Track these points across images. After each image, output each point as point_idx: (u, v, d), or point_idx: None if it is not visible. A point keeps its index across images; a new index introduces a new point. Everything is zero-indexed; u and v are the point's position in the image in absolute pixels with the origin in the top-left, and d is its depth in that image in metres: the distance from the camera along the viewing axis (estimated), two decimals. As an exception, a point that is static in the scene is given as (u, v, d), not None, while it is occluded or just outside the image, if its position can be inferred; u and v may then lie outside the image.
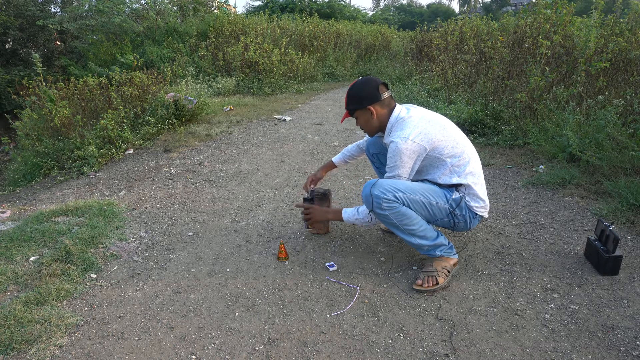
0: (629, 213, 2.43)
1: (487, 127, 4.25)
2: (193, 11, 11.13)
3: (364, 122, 1.99)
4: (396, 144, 1.82)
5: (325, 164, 2.42)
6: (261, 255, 2.18)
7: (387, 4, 51.60)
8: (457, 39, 6.67)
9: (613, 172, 2.84)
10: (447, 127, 1.90)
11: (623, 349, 1.47)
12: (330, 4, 17.50)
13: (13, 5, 9.23)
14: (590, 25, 4.48)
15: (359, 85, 1.95)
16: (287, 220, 2.58)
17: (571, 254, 2.09)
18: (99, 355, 1.51)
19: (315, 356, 1.48)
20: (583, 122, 3.29)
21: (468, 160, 1.88)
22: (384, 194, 1.78)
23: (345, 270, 2.01)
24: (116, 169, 3.71)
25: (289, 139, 4.54)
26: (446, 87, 5.71)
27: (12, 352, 1.48)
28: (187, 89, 5.97)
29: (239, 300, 1.81)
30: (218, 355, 1.50)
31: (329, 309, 1.74)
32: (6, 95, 7.80)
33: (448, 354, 1.48)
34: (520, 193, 2.89)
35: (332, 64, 10.13)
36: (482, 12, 32.37)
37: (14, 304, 1.71)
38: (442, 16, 14.81)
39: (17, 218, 2.64)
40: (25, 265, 2.03)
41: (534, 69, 4.07)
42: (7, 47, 9.55)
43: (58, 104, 4.29)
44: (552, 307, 1.71)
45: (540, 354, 1.47)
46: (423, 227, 1.85)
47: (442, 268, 1.86)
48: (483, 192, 1.92)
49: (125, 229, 2.47)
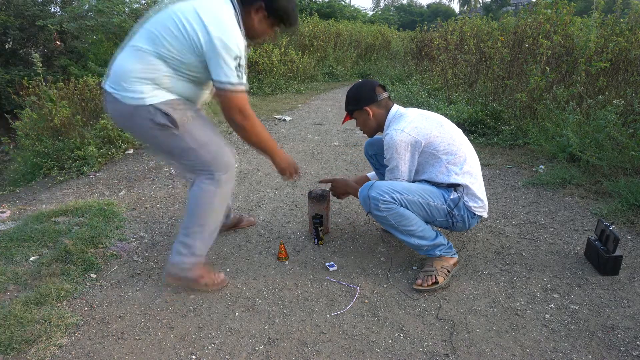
0: (629, 213, 2.43)
1: (487, 127, 4.25)
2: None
3: (362, 123, 2.03)
4: (391, 136, 1.85)
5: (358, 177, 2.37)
6: (261, 255, 2.18)
7: (387, 4, 51.62)
8: (457, 39, 6.67)
9: (613, 172, 2.84)
10: (444, 125, 1.91)
11: (623, 349, 1.47)
12: (330, 4, 17.48)
13: (13, 5, 9.23)
14: (591, 25, 4.48)
15: (356, 87, 2.01)
16: (287, 220, 2.58)
17: (571, 254, 2.09)
18: (99, 355, 1.51)
19: (315, 356, 1.48)
20: (583, 122, 3.29)
21: (464, 158, 1.88)
22: (382, 195, 1.78)
23: (345, 270, 2.01)
24: (116, 169, 3.72)
25: (289, 139, 4.54)
26: (446, 87, 5.71)
27: (12, 352, 1.48)
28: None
29: (239, 300, 1.81)
30: (218, 355, 1.50)
31: (329, 309, 1.74)
32: (6, 95, 7.79)
33: (448, 354, 1.48)
34: (520, 193, 2.89)
35: (332, 63, 10.13)
36: (482, 12, 32.34)
37: (14, 304, 1.71)
38: (442, 16, 14.80)
39: (17, 218, 2.64)
40: (25, 265, 2.03)
41: (534, 69, 4.07)
42: (7, 47, 9.54)
43: (58, 104, 4.28)
44: (552, 307, 1.71)
45: (540, 354, 1.47)
46: (421, 227, 1.85)
47: (441, 268, 1.86)
48: (481, 191, 1.92)
49: (125, 229, 2.47)
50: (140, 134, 1.73)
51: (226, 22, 1.55)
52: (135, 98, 1.60)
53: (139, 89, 1.60)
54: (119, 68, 1.63)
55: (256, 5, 1.66)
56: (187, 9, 1.56)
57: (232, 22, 1.57)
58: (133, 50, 1.62)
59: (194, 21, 1.53)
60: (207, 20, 1.53)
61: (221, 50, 1.53)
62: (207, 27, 1.52)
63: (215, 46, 1.53)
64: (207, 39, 1.53)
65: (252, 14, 1.67)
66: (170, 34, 1.55)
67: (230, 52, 1.54)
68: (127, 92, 1.60)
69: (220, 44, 1.52)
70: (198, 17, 1.53)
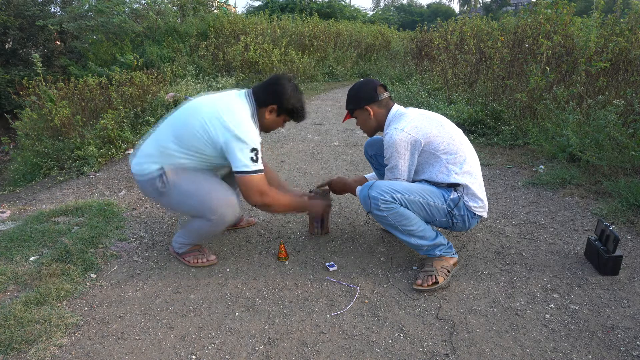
0: (629, 213, 2.43)
1: (487, 127, 4.25)
2: (193, 11, 11.11)
3: (362, 122, 2.04)
4: (390, 135, 1.85)
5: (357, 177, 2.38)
6: (261, 255, 2.18)
7: (387, 3, 51.59)
8: (457, 39, 6.67)
9: (613, 172, 2.84)
10: (444, 125, 1.91)
11: (623, 349, 1.47)
12: (330, 4, 17.48)
13: (13, 5, 9.23)
14: (591, 25, 4.48)
15: (358, 86, 2.01)
16: (287, 220, 2.58)
17: (571, 254, 2.09)
18: (99, 355, 1.51)
19: (315, 356, 1.48)
20: (583, 122, 3.29)
21: (464, 158, 1.88)
22: (382, 195, 1.78)
23: (345, 270, 2.01)
24: (116, 169, 3.71)
25: (288, 139, 4.54)
26: (446, 87, 5.71)
27: (12, 352, 1.48)
28: (187, 89, 5.97)
29: (238, 300, 1.81)
30: (218, 355, 1.50)
31: (329, 309, 1.74)
32: (6, 95, 7.79)
33: (448, 354, 1.48)
34: (520, 193, 2.89)
35: (332, 63, 10.12)
36: (483, 12, 32.35)
37: (14, 304, 1.71)
38: (442, 16, 14.81)
39: (17, 218, 2.64)
40: (25, 265, 2.03)
41: (534, 69, 4.07)
42: (7, 47, 9.54)
43: (58, 104, 4.29)
44: (552, 307, 1.71)
45: (540, 354, 1.47)
46: (422, 227, 1.85)
47: (441, 267, 1.86)
48: (481, 191, 1.92)
49: (125, 229, 2.47)
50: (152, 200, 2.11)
51: (244, 123, 1.81)
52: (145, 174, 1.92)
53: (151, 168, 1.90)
54: (141, 153, 1.96)
55: (270, 108, 1.92)
56: (211, 113, 1.82)
57: (248, 122, 1.83)
58: (156, 145, 1.92)
59: (217, 125, 1.79)
60: (229, 122, 1.79)
61: (240, 145, 1.79)
62: (228, 128, 1.78)
63: (234, 145, 1.79)
64: (227, 138, 1.79)
65: (267, 113, 1.93)
66: (194, 136, 1.83)
67: (247, 147, 1.80)
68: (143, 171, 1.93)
69: (239, 142, 1.79)
70: (220, 120, 1.79)
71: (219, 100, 1.88)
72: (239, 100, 1.89)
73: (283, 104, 1.91)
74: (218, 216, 1.90)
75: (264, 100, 1.91)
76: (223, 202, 1.89)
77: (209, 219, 1.90)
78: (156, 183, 1.88)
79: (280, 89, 1.90)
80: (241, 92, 1.94)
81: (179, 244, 2.08)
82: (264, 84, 1.94)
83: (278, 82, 1.91)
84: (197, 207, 1.89)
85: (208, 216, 1.90)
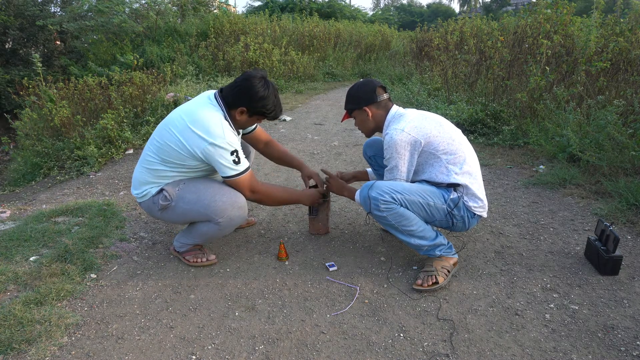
0: (629, 213, 2.43)
1: (487, 127, 4.25)
2: (193, 11, 11.11)
3: (361, 122, 2.04)
4: (390, 136, 1.85)
5: (357, 172, 2.42)
6: (261, 255, 2.18)
7: (387, 3, 51.60)
8: (457, 39, 6.67)
9: (613, 172, 2.84)
10: (443, 125, 1.91)
11: (623, 349, 1.47)
12: (330, 4, 17.48)
13: (13, 5, 9.22)
14: (591, 25, 4.48)
15: (357, 87, 2.01)
16: (287, 220, 2.58)
17: (571, 254, 2.09)
18: (99, 355, 1.51)
19: (315, 356, 1.48)
20: (583, 122, 3.29)
21: (464, 158, 1.88)
22: (382, 195, 1.78)
23: (345, 270, 2.01)
24: (116, 169, 3.71)
25: (289, 139, 4.54)
26: (446, 87, 5.71)
27: (12, 352, 1.48)
28: (187, 89, 5.96)
29: (238, 300, 1.81)
30: (218, 355, 1.50)
31: (329, 309, 1.74)
32: (6, 95, 7.79)
33: (448, 354, 1.48)
34: (520, 193, 2.89)
35: (332, 63, 10.12)
36: (482, 12, 32.34)
37: (14, 304, 1.71)
38: (442, 16, 14.79)
39: (17, 218, 2.64)
40: (25, 265, 2.03)
41: (534, 69, 4.07)
42: (7, 47, 9.54)
43: (58, 104, 4.28)
44: (552, 307, 1.71)
45: (540, 354, 1.47)
46: (422, 227, 1.85)
47: (442, 268, 1.86)
48: (481, 191, 1.93)
49: (125, 229, 2.47)
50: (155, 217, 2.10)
51: (215, 128, 1.80)
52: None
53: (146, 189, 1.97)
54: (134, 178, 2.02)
55: (239, 110, 1.88)
56: (182, 125, 1.83)
57: (220, 126, 1.81)
58: (147, 170, 1.96)
59: (190, 136, 1.80)
60: (200, 131, 1.79)
61: (219, 152, 1.80)
62: (201, 137, 1.79)
63: (212, 152, 1.80)
64: (203, 147, 1.80)
65: (237, 115, 1.89)
66: (175, 152, 1.85)
67: (226, 151, 1.81)
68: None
69: (217, 149, 1.79)
70: (191, 131, 1.80)
71: (188, 110, 1.87)
72: (209, 105, 1.87)
73: (252, 106, 1.85)
74: (225, 219, 1.91)
75: (233, 102, 1.86)
76: (229, 205, 1.90)
77: (217, 222, 1.92)
78: (160, 200, 1.93)
79: (248, 90, 1.83)
80: (211, 94, 1.91)
81: (180, 243, 2.09)
82: (233, 84, 1.88)
83: (247, 82, 1.83)
84: (204, 213, 1.91)
85: (215, 220, 1.91)
